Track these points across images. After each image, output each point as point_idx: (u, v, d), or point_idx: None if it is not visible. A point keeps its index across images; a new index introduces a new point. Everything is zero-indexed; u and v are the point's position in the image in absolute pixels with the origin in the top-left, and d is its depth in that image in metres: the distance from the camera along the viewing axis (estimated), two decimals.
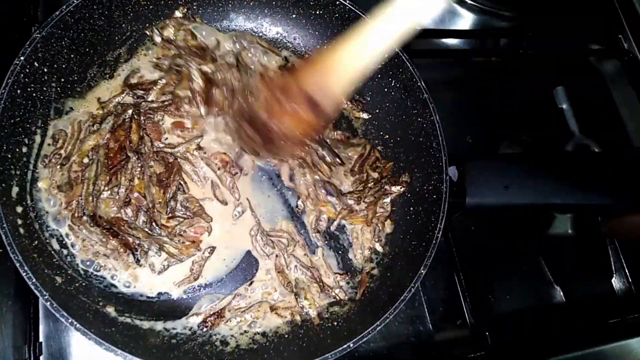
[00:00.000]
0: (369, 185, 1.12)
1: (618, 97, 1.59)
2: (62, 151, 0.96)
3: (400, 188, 1.11)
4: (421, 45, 1.42)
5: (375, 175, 1.13)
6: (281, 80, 0.91)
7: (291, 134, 0.87)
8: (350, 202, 1.09)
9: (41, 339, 0.95)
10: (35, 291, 0.77)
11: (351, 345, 0.87)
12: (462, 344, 1.13)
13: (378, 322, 0.89)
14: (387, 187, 1.11)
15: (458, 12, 1.52)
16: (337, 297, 1.03)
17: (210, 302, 0.98)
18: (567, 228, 1.36)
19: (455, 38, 1.50)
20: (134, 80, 1.07)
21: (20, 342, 0.92)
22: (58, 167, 0.95)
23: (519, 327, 1.23)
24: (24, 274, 0.77)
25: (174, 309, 0.97)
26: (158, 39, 1.09)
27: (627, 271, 1.29)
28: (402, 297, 0.91)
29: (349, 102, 1.18)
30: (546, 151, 1.39)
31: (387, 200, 1.11)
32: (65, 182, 0.94)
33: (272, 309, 0.99)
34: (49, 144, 0.96)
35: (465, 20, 1.51)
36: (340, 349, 0.86)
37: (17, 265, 0.77)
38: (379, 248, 1.09)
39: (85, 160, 0.97)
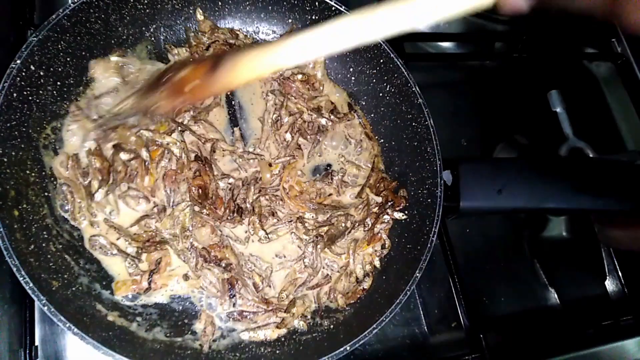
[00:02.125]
0: (374, 210, 1.10)
1: (612, 100, 1.61)
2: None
3: (402, 215, 1.10)
4: (416, 49, 1.44)
5: (379, 199, 1.11)
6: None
7: (177, 79, 0.85)
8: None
9: (37, 342, 0.95)
10: (33, 295, 0.77)
11: (348, 347, 0.87)
12: (457, 346, 1.14)
13: (374, 325, 0.90)
14: (389, 211, 1.10)
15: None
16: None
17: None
18: (561, 231, 1.37)
19: (450, 41, 1.51)
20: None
21: (16, 346, 0.93)
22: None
23: (514, 329, 1.24)
24: (21, 278, 0.77)
25: (172, 316, 0.97)
26: None
27: (620, 274, 1.30)
28: (397, 301, 0.92)
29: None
30: (540, 155, 1.40)
31: (387, 217, 1.10)
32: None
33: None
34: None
35: (460, 23, 1.52)
36: (337, 351, 0.87)
37: (14, 269, 0.77)
38: (377, 263, 1.09)
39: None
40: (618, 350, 1.18)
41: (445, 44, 1.50)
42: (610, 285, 1.32)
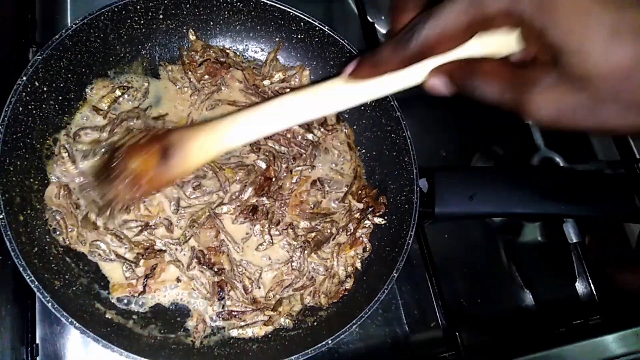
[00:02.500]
0: (355, 216, 1.16)
1: None
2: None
3: (382, 220, 1.15)
4: None
5: (361, 205, 1.17)
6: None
7: (131, 172, 0.80)
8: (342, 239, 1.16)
9: (37, 341, 1.00)
10: (38, 293, 0.82)
11: (329, 342, 0.92)
12: (435, 345, 1.19)
13: (354, 321, 0.95)
14: (370, 216, 1.15)
15: None
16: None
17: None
18: (536, 236, 1.43)
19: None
20: None
21: (18, 344, 0.97)
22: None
23: (490, 328, 1.29)
24: (27, 277, 0.82)
25: (165, 315, 1.03)
26: None
27: (588, 277, 1.36)
28: (376, 298, 0.97)
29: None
30: (511, 164, 1.46)
31: (367, 222, 1.16)
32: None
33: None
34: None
35: None
36: (319, 345, 0.92)
37: (21, 269, 0.82)
38: (358, 265, 1.14)
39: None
40: (587, 347, 1.23)
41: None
42: (580, 287, 1.37)
